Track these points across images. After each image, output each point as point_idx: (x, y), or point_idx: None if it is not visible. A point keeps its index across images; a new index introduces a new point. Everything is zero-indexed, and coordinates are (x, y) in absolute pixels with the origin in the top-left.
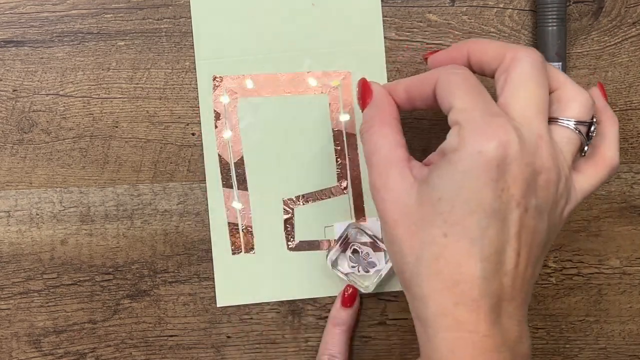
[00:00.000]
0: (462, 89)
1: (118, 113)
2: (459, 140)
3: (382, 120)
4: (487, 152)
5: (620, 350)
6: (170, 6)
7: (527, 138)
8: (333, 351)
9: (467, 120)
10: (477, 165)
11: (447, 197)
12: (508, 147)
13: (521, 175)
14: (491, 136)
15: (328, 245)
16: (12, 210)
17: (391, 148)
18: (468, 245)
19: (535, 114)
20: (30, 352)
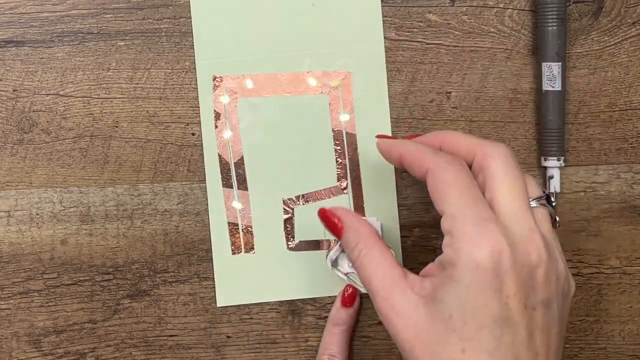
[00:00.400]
0: (452, 192)
1: (118, 113)
2: (455, 254)
3: (366, 244)
4: (483, 263)
5: (620, 350)
6: (170, 6)
7: (518, 237)
8: (333, 351)
9: (458, 230)
10: (477, 279)
11: (456, 313)
12: (502, 255)
13: (519, 278)
14: (484, 247)
15: (328, 245)
16: (12, 210)
17: (385, 271)
18: (486, 356)
19: (521, 207)
20: (30, 351)
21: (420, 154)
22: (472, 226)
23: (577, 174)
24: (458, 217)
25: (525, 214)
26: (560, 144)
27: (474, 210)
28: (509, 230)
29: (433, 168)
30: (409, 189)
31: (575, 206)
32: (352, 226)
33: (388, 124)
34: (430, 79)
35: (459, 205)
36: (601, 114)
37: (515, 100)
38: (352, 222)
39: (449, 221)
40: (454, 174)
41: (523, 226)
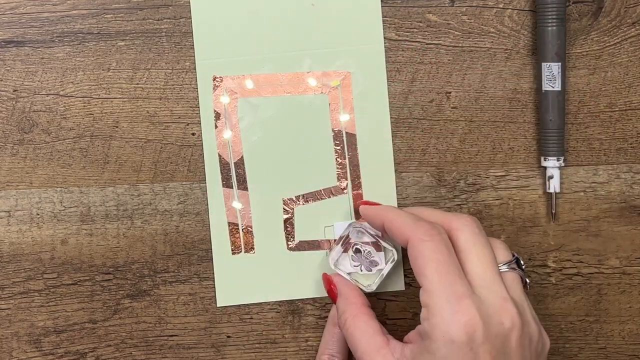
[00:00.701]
0: (429, 266)
1: (118, 113)
2: (431, 328)
3: (352, 313)
4: (457, 338)
5: (619, 350)
6: (171, 6)
7: (491, 308)
8: (333, 351)
9: (434, 306)
10: (452, 353)
11: None
12: (475, 329)
13: (494, 348)
14: (458, 323)
15: (328, 245)
16: (13, 210)
17: (369, 339)
18: None
19: (492, 276)
20: (30, 351)
21: (400, 223)
22: (447, 302)
23: (577, 174)
24: (434, 292)
25: (496, 283)
26: (560, 144)
27: (449, 286)
28: (483, 303)
29: (413, 239)
30: (408, 189)
31: (575, 206)
32: (343, 294)
33: (388, 124)
34: (430, 79)
35: (436, 280)
36: (601, 114)
37: (515, 100)
38: (344, 290)
39: (426, 295)
40: (432, 247)
41: (495, 295)
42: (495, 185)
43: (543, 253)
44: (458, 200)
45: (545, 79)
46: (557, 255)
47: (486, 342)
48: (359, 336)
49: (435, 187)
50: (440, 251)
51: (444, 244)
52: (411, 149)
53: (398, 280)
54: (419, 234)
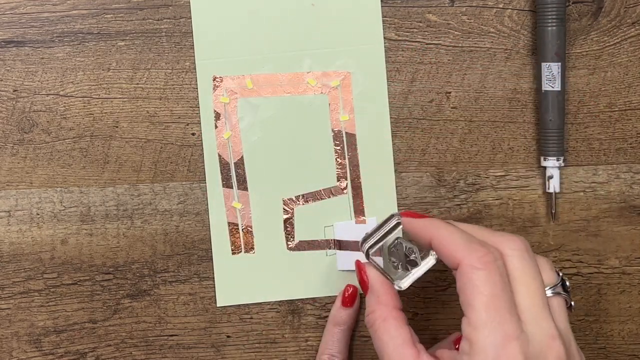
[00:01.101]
0: (479, 299)
1: (118, 113)
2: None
3: (383, 315)
4: None
5: (619, 350)
6: (170, 6)
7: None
8: (333, 351)
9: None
10: None
11: None
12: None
13: None
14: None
15: (328, 246)
16: (13, 210)
17: (397, 347)
18: None
19: (541, 309)
20: (30, 351)
21: (452, 243)
22: (492, 344)
23: (577, 174)
24: (480, 328)
25: (544, 318)
26: (559, 144)
27: (498, 326)
28: (530, 343)
29: (464, 265)
30: (408, 189)
31: (574, 206)
32: (375, 291)
33: (388, 124)
34: (430, 79)
35: (483, 317)
36: (600, 114)
37: (514, 100)
38: (376, 286)
39: (471, 330)
40: (485, 278)
41: (543, 333)
42: (495, 185)
43: (543, 253)
44: (458, 200)
45: (545, 79)
46: (557, 255)
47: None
48: (387, 341)
49: (435, 187)
50: (493, 283)
51: (498, 275)
52: (411, 149)
53: None
54: (472, 260)
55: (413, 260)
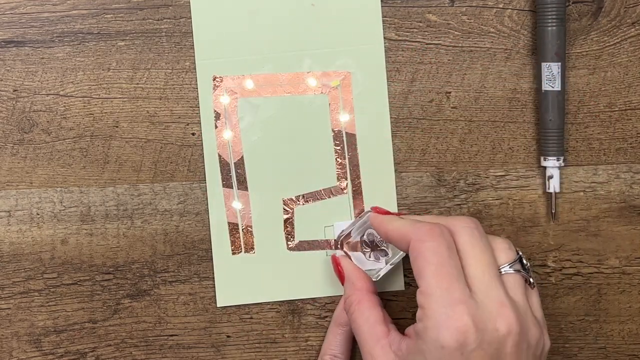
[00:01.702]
0: (428, 268)
1: (118, 113)
2: (423, 331)
3: (357, 298)
4: (447, 344)
5: (619, 349)
6: (170, 6)
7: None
8: (335, 351)
9: (428, 309)
10: (441, 357)
11: None
12: (467, 336)
13: (487, 355)
14: (450, 329)
15: (328, 246)
16: (13, 210)
17: (370, 326)
18: None
19: (490, 279)
20: (30, 351)
21: (401, 227)
22: (442, 307)
23: (577, 173)
24: (430, 295)
25: (494, 287)
26: (559, 144)
27: (445, 291)
28: (479, 309)
29: (413, 241)
30: (408, 188)
31: (574, 206)
32: (350, 278)
33: (388, 124)
34: (430, 79)
35: (433, 283)
36: (600, 114)
37: (514, 100)
38: (350, 274)
39: (422, 297)
40: (433, 248)
41: (493, 300)
42: (495, 185)
43: (543, 253)
44: (458, 200)
45: (545, 79)
46: (557, 255)
47: (478, 349)
48: (361, 323)
49: (435, 187)
50: (440, 253)
51: (445, 245)
52: (411, 149)
53: (398, 280)
54: (420, 235)
55: (384, 250)
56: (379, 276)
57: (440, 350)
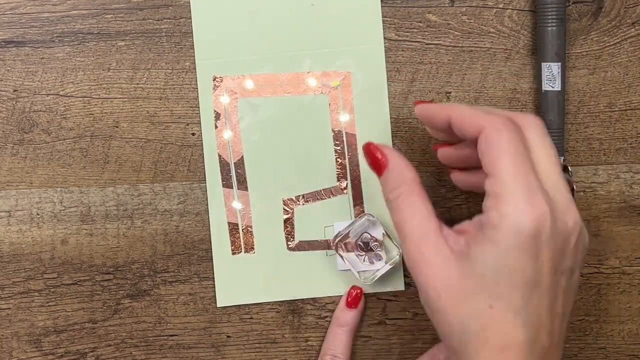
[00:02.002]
0: (505, 157)
1: (118, 113)
2: (499, 217)
3: (408, 189)
4: (527, 230)
5: (619, 350)
6: (171, 6)
7: (559, 206)
8: (336, 351)
9: (507, 195)
10: (517, 244)
11: (490, 273)
12: (544, 224)
13: (556, 246)
14: (530, 215)
15: (328, 246)
16: (13, 210)
17: (422, 218)
18: (512, 315)
19: (559, 176)
20: (30, 351)
21: (473, 115)
22: (521, 194)
23: (577, 174)
24: (509, 182)
25: (562, 184)
26: (559, 144)
27: (525, 177)
28: (552, 201)
29: (488, 129)
30: None
31: None
32: (397, 168)
33: (388, 124)
34: (430, 79)
35: (511, 171)
36: (600, 114)
37: (514, 100)
38: (398, 163)
39: (498, 185)
40: (509, 138)
41: (562, 196)
42: None
43: None
44: (458, 200)
45: (545, 79)
46: None
47: (551, 240)
48: (411, 214)
49: (435, 187)
50: (516, 143)
51: (520, 137)
52: (411, 149)
53: (398, 280)
54: (496, 124)
55: (379, 254)
56: (376, 277)
57: (517, 236)
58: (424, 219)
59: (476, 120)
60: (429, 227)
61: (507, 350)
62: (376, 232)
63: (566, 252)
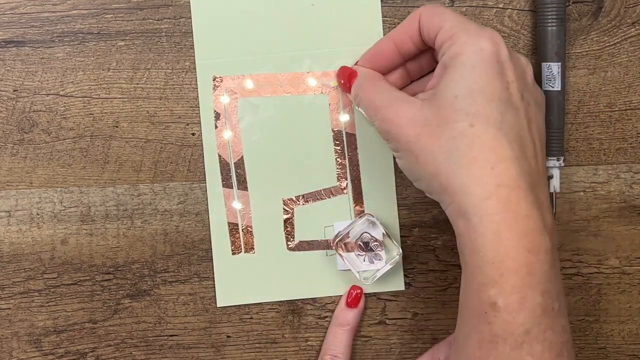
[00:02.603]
0: (448, 12)
1: (118, 113)
2: (460, 45)
3: (374, 79)
4: (487, 48)
5: (619, 350)
6: (171, 6)
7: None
8: (336, 351)
9: (462, 30)
10: (482, 60)
11: (463, 92)
12: (500, 44)
13: (516, 71)
14: (486, 37)
15: (328, 246)
16: (13, 210)
17: (390, 89)
18: (494, 130)
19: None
20: (30, 351)
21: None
22: (474, 27)
23: (577, 173)
24: (459, 24)
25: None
26: (559, 144)
27: (471, 22)
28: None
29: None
30: (408, 188)
31: (574, 206)
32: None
33: None
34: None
35: (458, 18)
36: (601, 114)
37: None
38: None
39: (452, 28)
40: (444, 6)
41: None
42: None
43: None
44: None
45: (545, 79)
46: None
47: (510, 61)
48: (378, 91)
49: None
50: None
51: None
52: None
53: (398, 280)
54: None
55: (378, 254)
56: (376, 277)
57: (480, 54)
58: (391, 89)
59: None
60: (396, 93)
61: (498, 165)
62: (376, 232)
63: (527, 84)
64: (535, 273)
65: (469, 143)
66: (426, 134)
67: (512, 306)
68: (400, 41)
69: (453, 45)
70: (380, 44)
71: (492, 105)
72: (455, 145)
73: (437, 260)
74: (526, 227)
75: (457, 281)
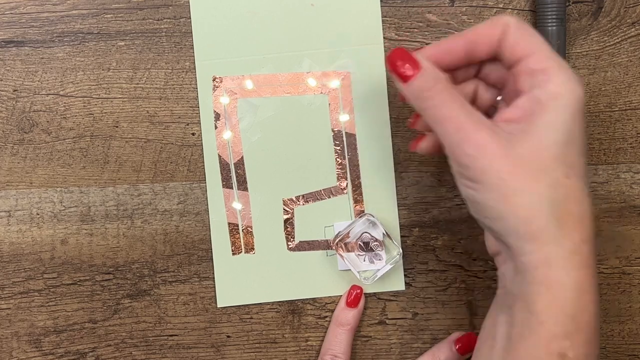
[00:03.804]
0: (539, 36)
1: (118, 113)
2: (559, 85)
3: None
4: (582, 96)
5: (619, 349)
6: (170, 6)
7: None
8: (336, 351)
9: (558, 66)
10: (579, 110)
11: (562, 140)
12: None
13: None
14: (580, 82)
15: (328, 246)
16: (13, 210)
17: (470, 107)
18: (583, 185)
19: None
20: (30, 351)
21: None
22: (566, 66)
23: None
24: (552, 56)
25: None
26: None
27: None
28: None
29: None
30: (408, 189)
31: None
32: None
33: (388, 124)
34: None
35: (550, 49)
36: (600, 114)
37: None
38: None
39: (543, 61)
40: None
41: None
42: None
43: None
44: (458, 200)
45: None
46: None
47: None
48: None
49: (435, 187)
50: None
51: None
52: None
53: (398, 280)
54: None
55: (379, 254)
56: (376, 277)
57: (578, 103)
58: (470, 107)
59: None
60: (478, 114)
61: (583, 221)
62: (376, 232)
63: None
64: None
65: (566, 195)
66: (522, 175)
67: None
68: (474, 42)
69: (550, 83)
70: (451, 40)
71: (582, 158)
72: (554, 194)
73: (437, 260)
74: (596, 282)
75: (457, 281)
